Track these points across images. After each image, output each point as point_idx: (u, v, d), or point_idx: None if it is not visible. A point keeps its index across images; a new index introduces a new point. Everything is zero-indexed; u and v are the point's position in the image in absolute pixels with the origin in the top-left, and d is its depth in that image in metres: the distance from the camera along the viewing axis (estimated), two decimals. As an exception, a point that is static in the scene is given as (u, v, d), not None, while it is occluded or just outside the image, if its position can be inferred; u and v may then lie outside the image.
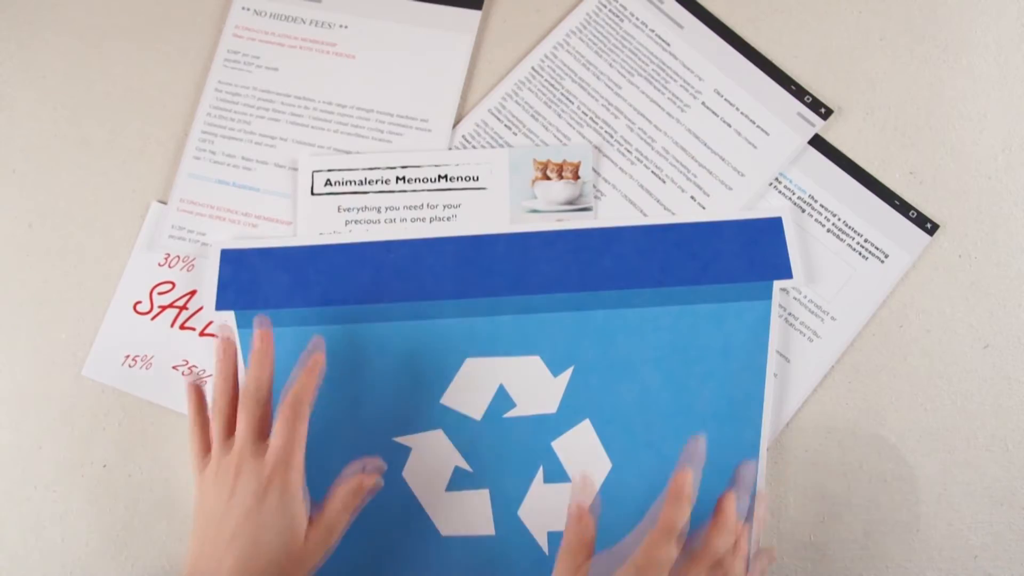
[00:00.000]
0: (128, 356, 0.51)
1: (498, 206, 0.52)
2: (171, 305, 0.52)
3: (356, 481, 0.45)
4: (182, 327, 0.51)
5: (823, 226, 0.52)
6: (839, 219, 0.52)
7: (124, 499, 0.50)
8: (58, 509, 0.50)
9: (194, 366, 0.51)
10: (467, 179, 0.53)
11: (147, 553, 0.49)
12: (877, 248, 0.52)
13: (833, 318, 0.51)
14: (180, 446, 0.50)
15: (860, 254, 0.52)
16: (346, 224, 0.52)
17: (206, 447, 0.45)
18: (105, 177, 0.54)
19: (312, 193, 0.52)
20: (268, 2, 0.56)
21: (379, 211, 0.52)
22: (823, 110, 0.53)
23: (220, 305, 0.50)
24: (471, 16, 0.55)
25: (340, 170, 0.53)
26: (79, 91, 0.55)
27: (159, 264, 0.52)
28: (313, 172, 0.53)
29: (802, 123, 0.53)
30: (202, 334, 0.51)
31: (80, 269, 0.52)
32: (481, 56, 0.55)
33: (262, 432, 0.44)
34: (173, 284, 0.52)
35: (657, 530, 0.40)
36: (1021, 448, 0.50)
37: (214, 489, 0.43)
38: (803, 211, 0.52)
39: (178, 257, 0.52)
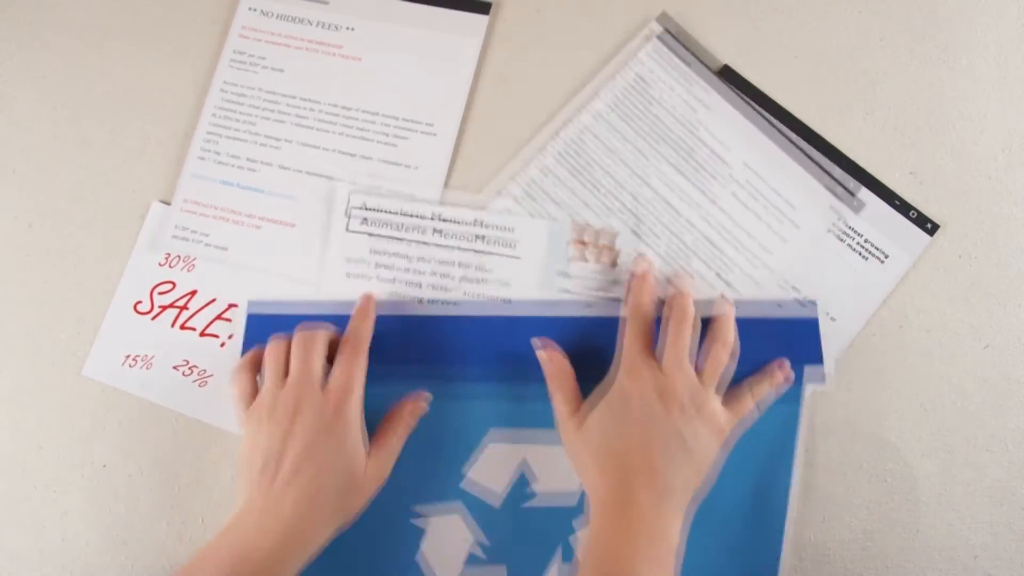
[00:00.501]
0: (128, 356, 0.51)
1: (530, 278, 0.51)
2: (171, 305, 0.51)
3: (408, 406, 0.47)
4: (183, 327, 0.51)
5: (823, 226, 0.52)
6: (839, 218, 0.52)
7: (124, 499, 0.50)
8: (58, 509, 0.50)
9: (195, 366, 0.51)
10: (504, 244, 0.52)
11: (147, 553, 0.49)
12: (877, 248, 0.52)
13: (833, 318, 0.51)
14: (180, 446, 0.50)
15: (860, 254, 0.52)
16: (375, 267, 0.51)
17: (252, 390, 0.47)
18: (105, 177, 0.54)
19: (347, 230, 0.52)
20: (275, 3, 0.56)
21: (409, 260, 0.51)
22: (856, 202, 0.51)
23: None
24: (479, 20, 0.55)
25: (378, 211, 0.52)
26: (79, 91, 0.55)
27: (160, 264, 0.52)
28: (352, 208, 0.52)
29: (834, 216, 0.51)
30: (202, 334, 0.51)
31: (80, 269, 0.52)
32: (488, 60, 0.55)
33: (319, 371, 0.45)
34: (174, 284, 0.52)
35: (626, 311, 0.47)
36: (1021, 448, 0.50)
37: (270, 426, 0.44)
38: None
39: (179, 257, 0.52)
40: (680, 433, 0.43)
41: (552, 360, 0.48)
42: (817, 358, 0.49)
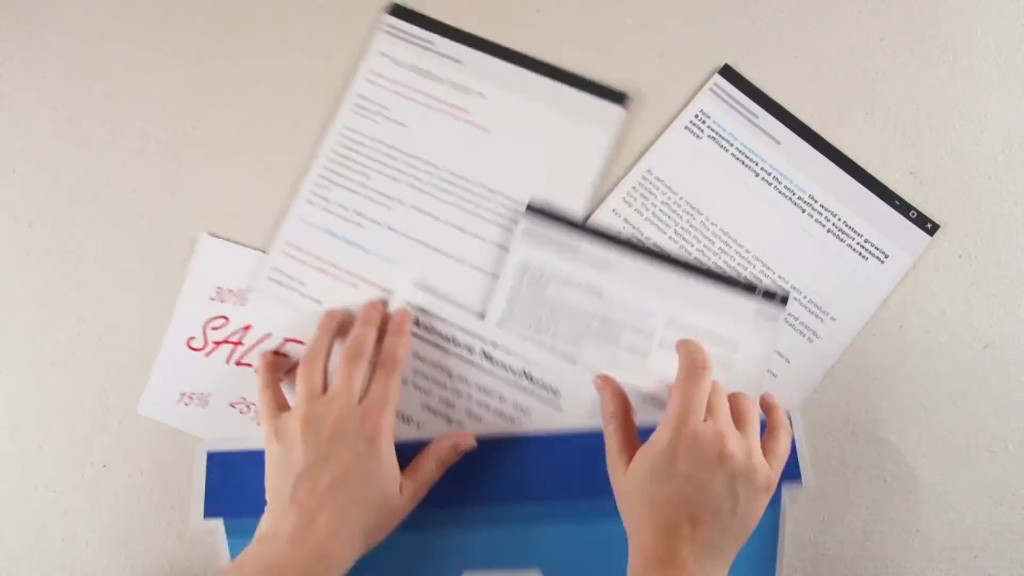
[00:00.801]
0: (184, 394, 0.50)
1: (565, 429, 0.49)
2: (225, 341, 0.50)
3: (453, 438, 0.47)
4: (238, 363, 0.50)
5: (823, 226, 0.52)
6: (839, 219, 0.52)
7: (124, 499, 0.50)
8: (58, 509, 0.50)
9: (252, 403, 0.50)
10: (549, 389, 0.49)
11: (147, 553, 0.49)
12: (877, 248, 0.52)
13: (833, 318, 0.51)
14: (181, 446, 0.50)
15: (860, 254, 0.52)
16: (413, 373, 0.49)
17: (280, 405, 0.46)
18: (105, 177, 0.53)
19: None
20: (407, 52, 0.53)
21: (450, 376, 0.49)
22: (778, 302, 0.50)
23: (208, 512, 0.49)
24: (614, 112, 0.52)
25: (433, 315, 0.50)
26: (79, 91, 0.55)
27: (211, 299, 0.51)
28: (407, 303, 0.50)
29: (764, 322, 0.50)
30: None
31: (80, 269, 0.52)
32: (619, 155, 0.53)
33: (359, 387, 0.45)
34: (227, 319, 0.50)
35: (684, 363, 0.45)
36: (1021, 448, 0.50)
37: (306, 442, 0.43)
38: (803, 211, 0.52)
39: (231, 291, 0.51)
40: (736, 494, 0.42)
41: (611, 390, 0.47)
42: (792, 456, 0.48)
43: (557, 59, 0.53)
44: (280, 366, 0.49)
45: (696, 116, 0.53)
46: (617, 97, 0.52)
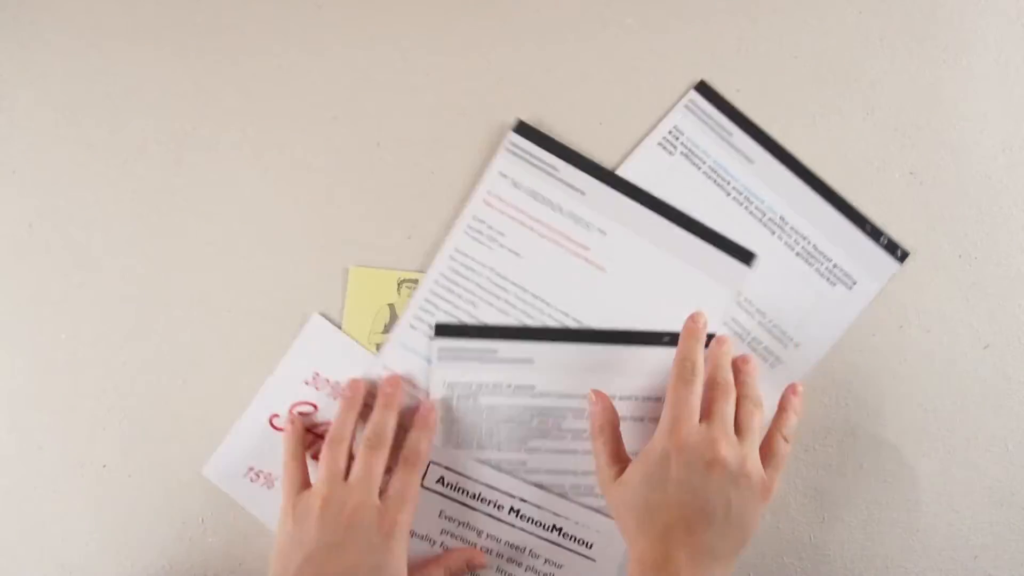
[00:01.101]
0: (251, 469, 0.49)
1: None
2: (308, 430, 0.49)
3: (467, 553, 0.48)
4: (314, 456, 0.48)
5: (792, 249, 0.51)
6: (809, 242, 0.51)
7: (124, 499, 0.50)
8: (58, 509, 0.50)
9: None
10: (580, 543, 0.49)
11: (147, 553, 0.49)
12: (845, 274, 0.51)
13: (796, 344, 0.51)
14: (181, 445, 0.50)
15: (828, 279, 0.51)
16: (440, 533, 0.49)
17: (304, 483, 0.46)
18: (106, 177, 0.54)
19: (421, 485, 0.49)
20: (528, 175, 0.50)
21: (479, 535, 0.49)
22: None
23: None
24: (739, 270, 0.50)
25: (458, 473, 0.49)
26: (79, 91, 0.55)
27: (305, 383, 0.50)
28: (431, 463, 0.49)
29: None
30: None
31: (80, 270, 0.52)
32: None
33: (379, 477, 0.45)
34: (315, 407, 0.50)
35: (674, 368, 0.45)
36: (1021, 448, 0.50)
37: (319, 527, 0.43)
38: (772, 233, 0.51)
39: (327, 380, 0.49)
40: (728, 499, 0.41)
41: (599, 405, 0.47)
42: None
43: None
44: (307, 438, 0.49)
45: (670, 132, 0.52)
46: (745, 255, 0.51)
